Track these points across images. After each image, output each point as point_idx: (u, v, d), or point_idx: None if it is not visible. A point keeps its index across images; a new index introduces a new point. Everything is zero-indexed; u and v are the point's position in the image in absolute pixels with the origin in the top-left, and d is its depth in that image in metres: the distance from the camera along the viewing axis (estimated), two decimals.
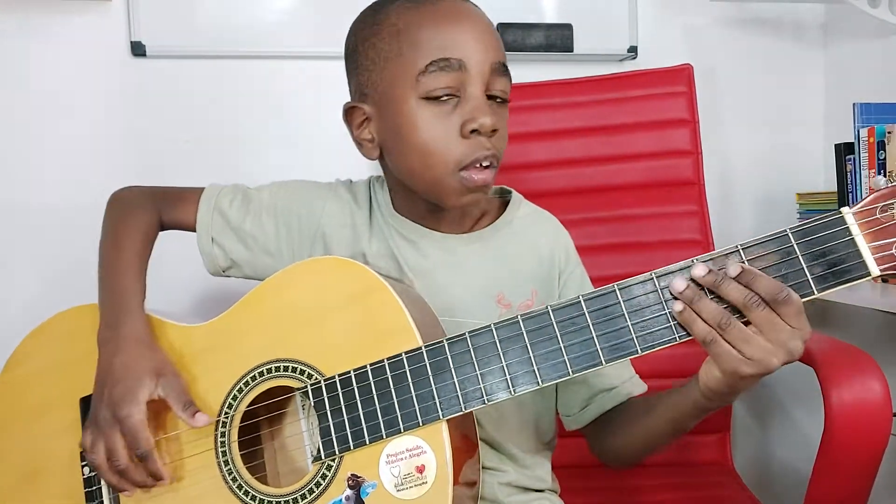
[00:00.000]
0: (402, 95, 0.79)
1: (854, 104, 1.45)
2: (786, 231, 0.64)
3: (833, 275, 0.63)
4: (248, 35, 1.53)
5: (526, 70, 1.60)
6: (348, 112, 0.85)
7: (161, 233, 0.93)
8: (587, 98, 1.44)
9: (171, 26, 1.50)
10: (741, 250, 0.65)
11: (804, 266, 0.64)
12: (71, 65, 1.48)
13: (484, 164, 0.78)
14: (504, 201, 0.92)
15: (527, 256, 0.88)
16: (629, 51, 1.67)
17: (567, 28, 1.62)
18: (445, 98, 0.77)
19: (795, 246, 0.64)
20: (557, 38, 1.62)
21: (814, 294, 0.64)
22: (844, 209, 0.63)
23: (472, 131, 0.77)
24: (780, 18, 1.76)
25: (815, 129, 1.77)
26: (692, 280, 0.65)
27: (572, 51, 1.63)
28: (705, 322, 0.64)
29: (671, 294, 0.65)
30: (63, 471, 0.82)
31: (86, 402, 0.82)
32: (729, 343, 0.64)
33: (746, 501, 1.18)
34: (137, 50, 1.48)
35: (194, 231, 0.92)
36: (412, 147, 0.79)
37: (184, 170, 1.53)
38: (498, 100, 0.80)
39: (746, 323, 0.64)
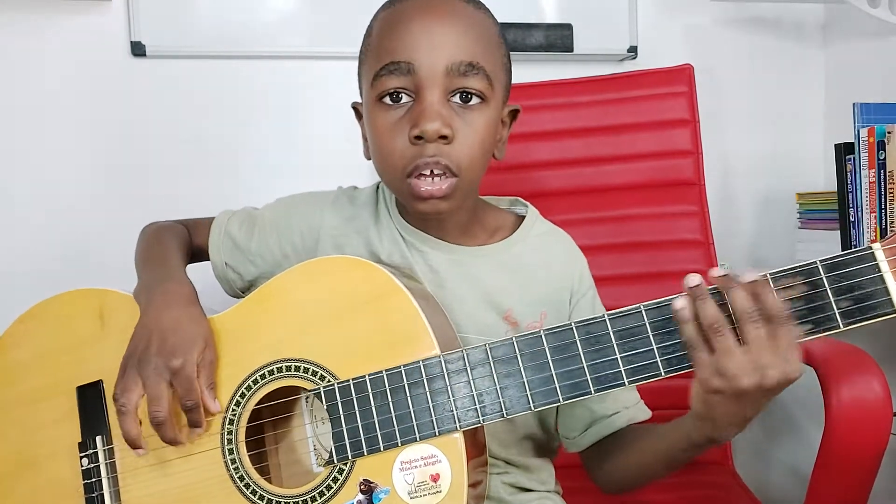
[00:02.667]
0: (367, 97, 0.80)
1: (854, 104, 1.45)
2: (815, 262, 0.63)
3: (860, 310, 0.63)
4: (248, 35, 1.53)
5: (526, 70, 1.60)
6: (355, 109, 0.88)
7: None
8: (587, 98, 1.43)
9: (171, 26, 1.50)
10: (770, 279, 0.64)
11: (832, 299, 0.63)
12: (71, 65, 1.48)
13: (433, 171, 0.76)
14: (519, 216, 0.90)
15: (538, 276, 0.86)
16: (629, 51, 1.67)
17: (567, 28, 1.62)
18: (399, 101, 0.77)
19: (824, 279, 0.63)
20: (557, 38, 1.62)
21: (839, 328, 0.63)
22: (875, 245, 0.63)
23: (417, 137, 0.75)
24: (780, 18, 1.76)
25: (815, 129, 1.77)
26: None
27: (572, 51, 1.63)
28: (699, 324, 0.63)
29: (685, 286, 0.64)
30: (60, 462, 0.80)
31: (83, 391, 0.80)
32: (712, 350, 0.63)
33: (747, 501, 1.17)
34: (137, 50, 1.48)
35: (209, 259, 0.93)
36: (373, 149, 0.81)
37: (184, 170, 1.53)
38: (471, 101, 0.77)
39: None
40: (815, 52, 1.77)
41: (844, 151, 1.48)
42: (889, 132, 1.36)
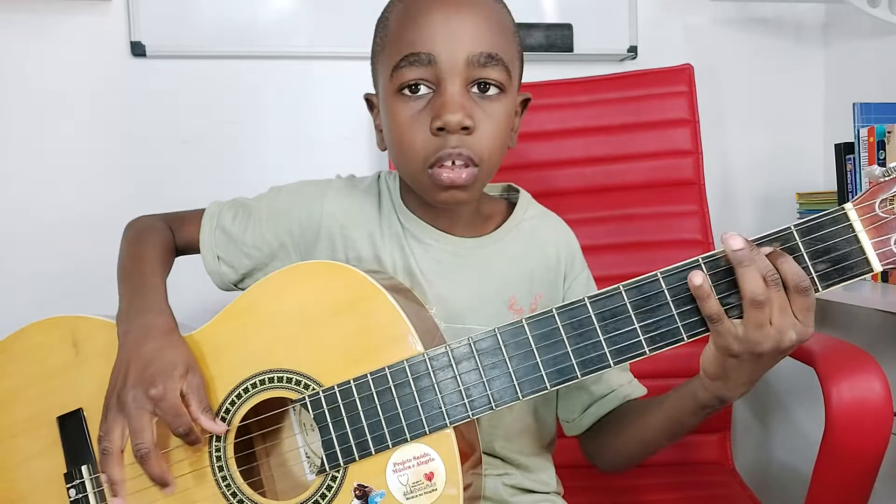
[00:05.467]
0: (385, 88, 0.79)
1: (854, 104, 1.45)
2: (790, 228, 0.64)
3: (837, 272, 0.63)
4: (248, 35, 1.53)
5: (526, 70, 1.59)
6: (368, 100, 0.87)
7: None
8: (587, 98, 1.43)
9: (171, 26, 1.50)
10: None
11: (808, 263, 0.63)
12: (71, 65, 1.48)
13: (454, 162, 0.75)
14: (511, 202, 0.90)
15: (534, 259, 0.87)
16: (629, 51, 1.67)
17: (567, 28, 1.62)
18: (419, 92, 0.76)
19: (800, 243, 0.63)
20: (557, 38, 1.62)
21: (818, 291, 0.64)
22: (847, 205, 0.63)
23: (440, 129, 0.74)
24: (780, 18, 1.76)
25: (815, 129, 1.77)
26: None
27: (572, 51, 1.63)
28: (717, 298, 0.64)
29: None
30: (47, 495, 0.79)
31: (63, 421, 0.79)
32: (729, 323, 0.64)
33: (747, 501, 1.17)
34: (137, 50, 1.48)
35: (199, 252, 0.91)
36: (391, 140, 0.80)
37: (184, 170, 1.53)
38: (489, 92, 0.77)
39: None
40: (815, 52, 1.77)
41: (844, 151, 1.48)
42: (889, 132, 1.36)
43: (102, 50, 1.49)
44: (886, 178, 0.62)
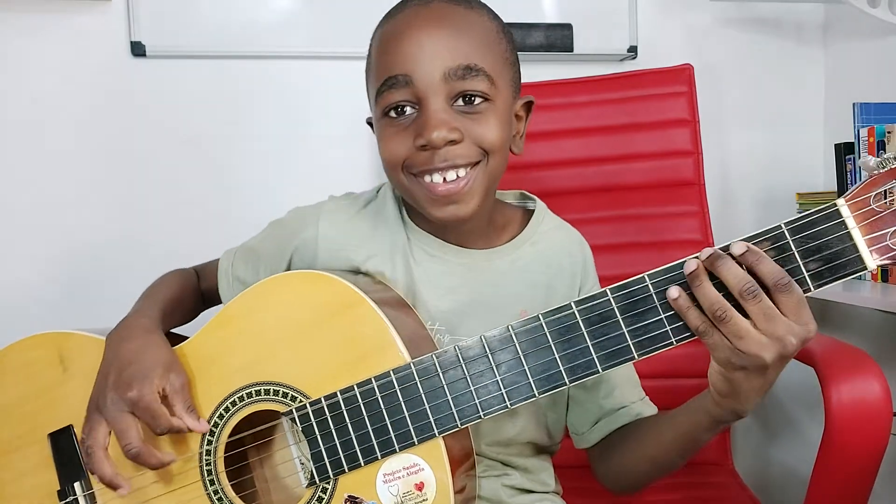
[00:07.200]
0: (375, 111, 0.80)
1: (854, 104, 1.45)
2: (780, 226, 0.61)
3: (829, 270, 0.61)
4: (248, 35, 1.53)
5: (526, 70, 1.59)
6: (370, 124, 0.86)
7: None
8: (587, 98, 1.43)
9: (171, 26, 1.50)
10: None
11: (800, 262, 0.61)
12: (71, 65, 1.48)
13: (445, 178, 0.75)
14: (528, 211, 0.89)
15: (548, 273, 0.85)
16: (629, 51, 1.67)
17: (567, 28, 1.62)
18: (406, 113, 0.76)
19: (791, 242, 0.61)
20: (557, 38, 1.62)
21: (810, 291, 0.62)
22: (839, 201, 0.61)
23: (423, 147, 0.75)
24: (780, 18, 1.76)
25: (815, 129, 1.77)
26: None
27: (572, 51, 1.63)
28: (700, 310, 0.63)
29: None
30: None
31: (55, 438, 0.79)
32: (722, 334, 0.62)
33: (747, 501, 1.18)
34: (137, 50, 1.48)
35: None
36: (383, 161, 0.80)
37: (183, 170, 1.53)
38: (475, 103, 0.76)
39: (744, 314, 0.62)
40: (815, 52, 1.77)
41: (844, 151, 1.48)
42: (889, 132, 1.36)
43: (102, 50, 1.49)
44: (881, 170, 0.60)
